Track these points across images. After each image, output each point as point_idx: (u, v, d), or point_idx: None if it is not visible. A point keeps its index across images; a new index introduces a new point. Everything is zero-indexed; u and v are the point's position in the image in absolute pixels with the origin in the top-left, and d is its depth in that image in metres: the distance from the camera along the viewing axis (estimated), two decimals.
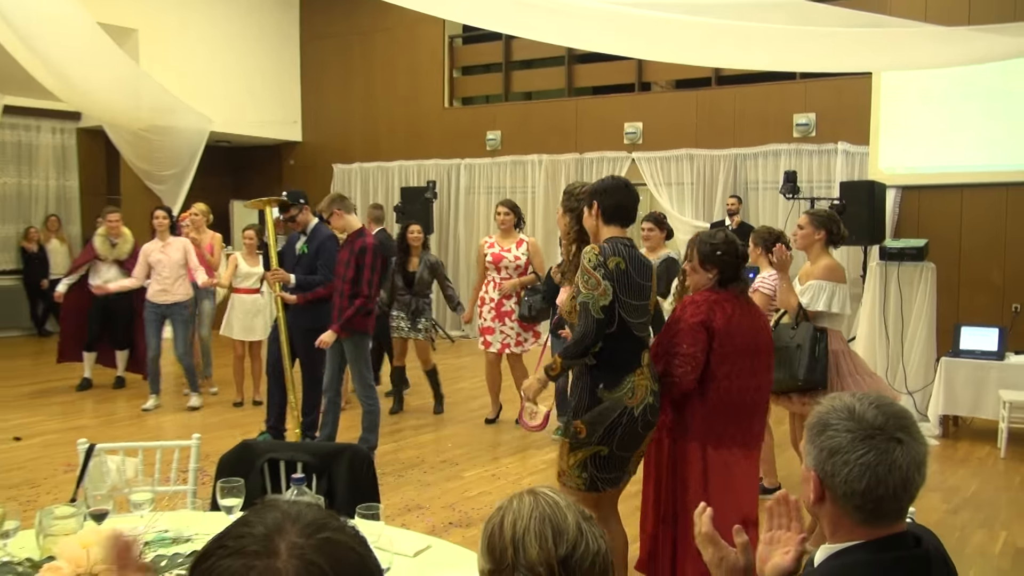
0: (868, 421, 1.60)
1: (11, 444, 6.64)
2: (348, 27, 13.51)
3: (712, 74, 11.02)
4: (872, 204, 7.89)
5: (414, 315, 7.46)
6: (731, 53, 6.90)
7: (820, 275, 4.62)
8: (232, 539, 1.02)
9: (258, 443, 3.23)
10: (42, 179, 12.55)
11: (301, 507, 1.07)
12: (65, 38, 8.76)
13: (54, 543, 2.11)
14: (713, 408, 3.49)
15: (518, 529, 1.48)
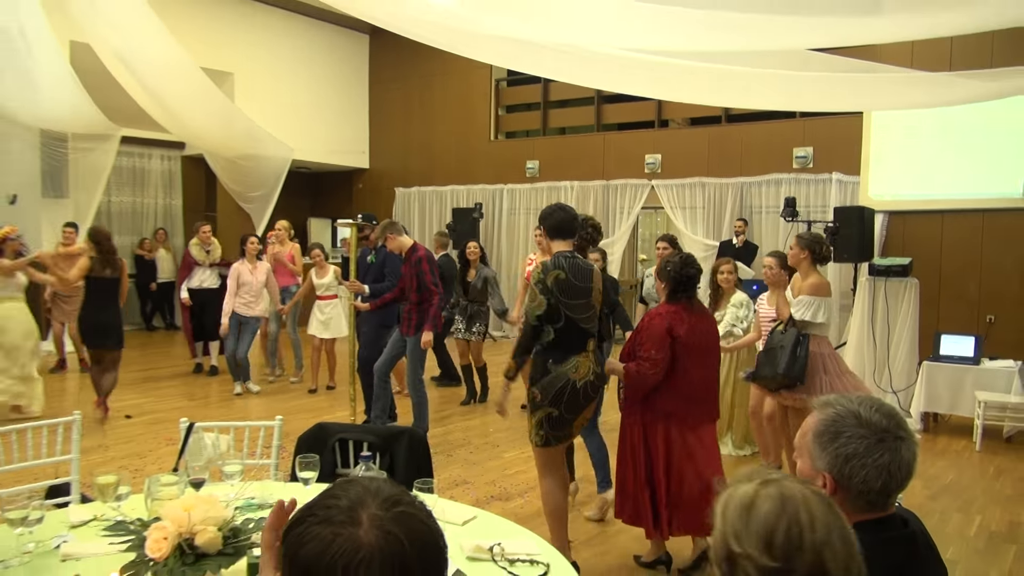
0: (875, 425, 1.57)
1: (123, 421, 6.77)
2: (410, 71, 13.59)
3: (722, 113, 10.92)
4: (862, 227, 7.76)
5: (470, 320, 7.49)
6: (739, 95, 6.84)
7: (808, 291, 4.77)
8: (321, 509, 1.03)
9: (331, 425, 3.25)
10: (152, 198, 12.76)
11: (379, 483, 1.07)
12: (174, 80, 8.91)
13: (160, 506, 2.13)
14: (677, 395, 3.79)
15: (819, 536, 1.20)
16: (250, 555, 1.87)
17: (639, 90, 8.14)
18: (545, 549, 2.24)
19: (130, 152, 12.01)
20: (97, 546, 2.15)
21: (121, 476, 2.36)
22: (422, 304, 5.96)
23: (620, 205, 11.61)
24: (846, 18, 4.68)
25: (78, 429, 3.20)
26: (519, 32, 5.76)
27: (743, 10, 4.52)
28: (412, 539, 1.00)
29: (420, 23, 6.02)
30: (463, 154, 13.25)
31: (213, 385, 8.49)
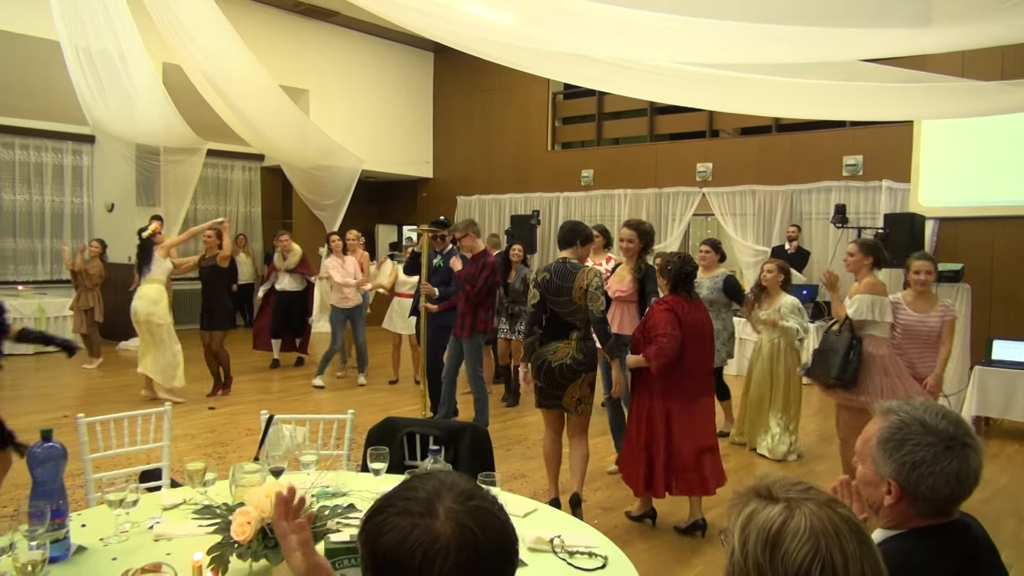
0: (942, 432, 1.49)
1: (207, 412, 6.95)
2: (472, 86, 13.68)
3: (772, 122, 10.69)
4: (913, 233, 7.52)
5: (512, 319, 7.43)
6: (791, 105, 6.69)
7: (863, 290, 4.61)
8: (400, 500, 1.04)
9: (399, 419, 3.28)
10: (234, 206, 13.11)
11: (455, 477, 1.07)
12: (255, 98, 9.16)
13: (243, 492, 2.18)
14: (678, 373, 4.15)
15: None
16: (327, 540, 1.89)
17: (692, 101, 8.04)
18: (604, 543, 2.22)
19: (215, 163, 12.36)
20: (187, 527, 2.21)
21: (208, 463, 2.43)
22: (478, 308, 5.97)
23: (672, 212, 11.47)
24: (897, 29, 4.54)
25: (168, 419, 3.30)
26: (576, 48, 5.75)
27: (795, 23, 4.43)
28: (486, 532, 1.00)
29: (482, 41, 6.06)
30: (521, 164, 13.27)
31: (289, 380, 8.65)
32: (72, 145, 11.31)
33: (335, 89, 12.50)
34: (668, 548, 4.15)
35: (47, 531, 1.94)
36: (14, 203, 10.88)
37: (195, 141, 9.91)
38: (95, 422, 3.12)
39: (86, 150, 11.45)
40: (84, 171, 11.53)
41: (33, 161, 11.01)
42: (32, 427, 6.58)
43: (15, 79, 9.35)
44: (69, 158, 11.35)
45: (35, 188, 11.05)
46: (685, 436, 4.17)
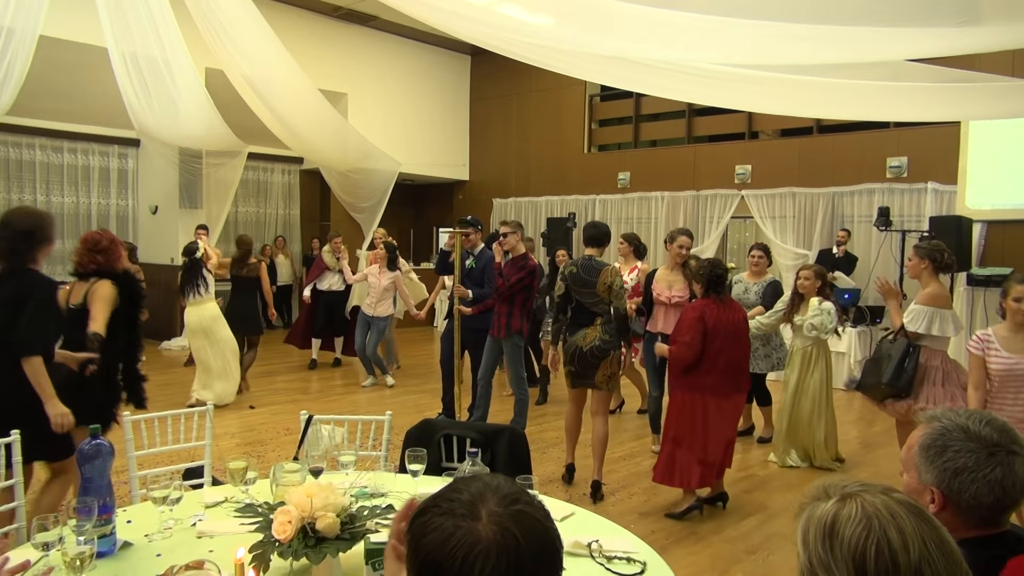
0: (985, 438, 1.46)
1: (247, 411, 7.06)
2: (508, 89, 13.71)
3: (814, 124, 10.52)
4: (959, 236, 7.34)
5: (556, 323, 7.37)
6: (834, 106, 6.57)
7: (922, 301, 4.44)
8: (445, 501, 1.04)
9: (436, 421, 3.29)
10: (273, 208, 13.29)
11: (500, 480, 1.07)
12: (294, 101, 9.29)
13: (284, 491, 2.21)
14: (713, 371, 4.37)
15: (914, 556, 1.04)
16: (367, 541, 1.91)
17: (732, 103, 7.95)
18: (642, 548, 2.21)
19: (255, 166, 12.55)
20: (229, 525, 2.25)
21: (249, 462, 2.47)
22: (513, 308, 5.98)
23: (710, 215, 11.35)
24: (944, 28, 4.43)
25: (210, 418, 3.36)
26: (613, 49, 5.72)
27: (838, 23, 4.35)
28: (528, 537, 1.00)
29: (519, 43, 6.06)
30: (557, 166, 13.26)
31: (327, 380, 8.74)
32: (118, 149, 11.58)
33: (373, 92, 12.62)
34: (707, 555, 4.11)
35: (94, 526, 1.99)
36: (62, 205, 11.19)
37: (236, 144, 10.07)
38: (140, 420, 3.19)
39: (131, 153, 11.72)
40: (129, 174, 11.81)
41: (80, 164, 11.31)
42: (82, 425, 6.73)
43: (64, 84, 9.61)
44: (115, 161, 11.64)
45: (82, 190, 11.35)
46: (717, 430, 4.45)
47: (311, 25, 11.54)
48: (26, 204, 10.74)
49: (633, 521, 4.50)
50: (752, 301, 6.27)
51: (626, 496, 4.97)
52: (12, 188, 10.74)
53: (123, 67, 8.11)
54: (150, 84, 8.34)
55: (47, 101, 9.81)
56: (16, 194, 10.76)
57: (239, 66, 8.45)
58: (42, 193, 10.98)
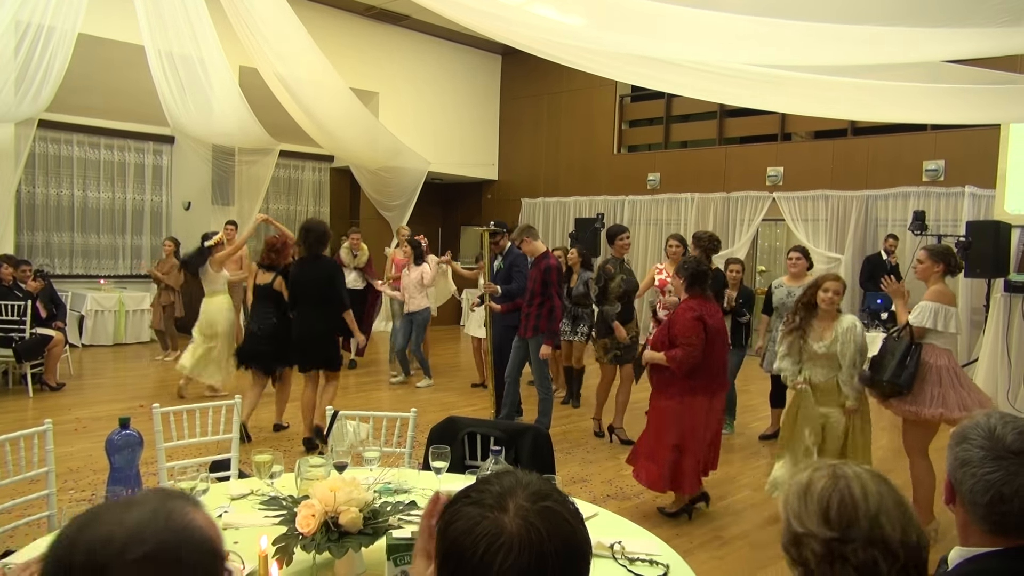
0: (1005, 444, 1.42)
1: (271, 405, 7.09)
2: (539, 88, 13.70)
3: (848, 125, 10.37)
4: (997, 242, 7.17)
5: (574, 321, 7.32)
6: (870, 108, 6.45)
7: (929, 297, 4.40)
8: (475, 492, 1.06)
9: (461, 419, 3.29)
10: (304, 206, 13.38)
11: (532, 477, 1.08)
12: (326, 100, 9.37)
13: (309, 485, 2.23)
14: (707, 372, 4.41)
15: (872, 505, 1.23)
16: (389, 536, 1.91)
17: (765, 104, 7.85)
18: (665, 551, 2.19)
19: (286, 164, 12.64)
20: (253, 518, 2.27)
21: (275, 455, 2.49)
22: (541, 308, 5.98)
23: (740, 217, 11.23)
24: (984, 29, 4.33)
25: (238, 411, 3.40)
26: (645, 49, 5.69)
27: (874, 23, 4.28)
28: (552, 534, 0.99)
29: (550, 43, 6.05)
30: (587, 167, 13.22)
31: (351, 377, 8.78)
32: (153, 145, 11.77)
33: (404, 91, 12.69)
34: (733, 559, 4.06)
35: None
36: (98, 200, 11.39)
37: (268, 142, 10.18)
38: (169, 412, 3.23)
39: (166, 150, 11.90)
40: (164, 170, 11.99)
41: (117, 160, 11.50)
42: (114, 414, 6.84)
43: (102, 82, 9.79)
44: (150, 158, 11.82)
45: (118, 186, 11.54)
46: (704, 428, 4.49)
47: (344, 24, 11.64)
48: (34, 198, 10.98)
49: (656, 524, 4.47)
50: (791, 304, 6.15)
51: (649, 499, 4.93)
52: (51, 183, 10.96)
53: (159, 65, 8.25)
54: (185, 82, 8.47)
55: (85, 98, 9.99)
56: (54, 188, 10.98)
57: (272, 65, 8.55)
58: (79, 188, 11.19)
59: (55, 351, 7.52)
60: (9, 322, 7.28)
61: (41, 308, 7.62)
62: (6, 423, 6.28)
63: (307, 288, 5.69)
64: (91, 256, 11.40)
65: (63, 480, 4.72)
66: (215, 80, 8.50)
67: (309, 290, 5.69)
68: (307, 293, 5.70)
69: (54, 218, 11.01)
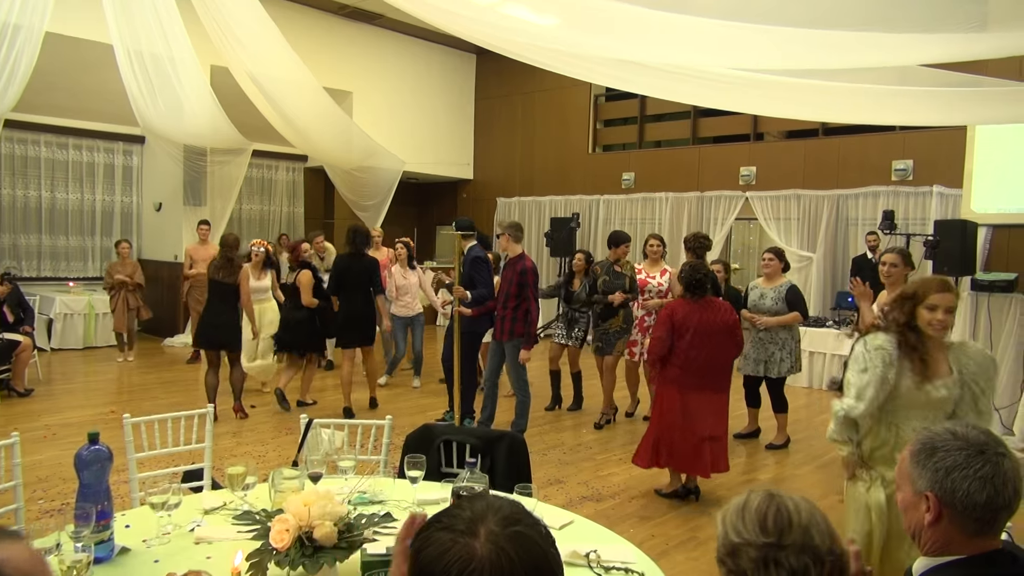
0: (973, 440, 1.48)
1: (248, 411, 7.03)
2: (513, 89, 13.70)
3: (819, 126, 10.49)
4: (964, 240, 7.29)
5: (570, 324, 7.29)
6: (839, 110, 6.54)
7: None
8: (447, 517, 1.07)
9: (436, 426, 3.29)
10: (277, 206, 13.26)
11: (504, 502, 1.09)
12: (299, 99, 9.28)
13: (283, 498, 2.20)
14: (683, 368, 4.64)
15: (803, 518, 1.34)
16: (363, 552, 1.90)
17: (740, 106, 7.92)
18: (640, 558, 2.20)
19: (259, 164, 12.52)
20: (227, 531, 2.24)
21: (248, 467, 2.46)
22: (517, 311, 5.96)
23: (714, 216, 11.32)
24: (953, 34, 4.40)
25: (211, 420, 3.36)
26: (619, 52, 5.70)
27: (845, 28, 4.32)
28: (523, 559, 1.00)
29: (524, 45, 6.04)
30: (562, 166, 13.24)
31: (320, 379, 8.68)
32: (123, 146, 11.58)
33: (378, 91, 12.61)
34: (707, 561, 4.09)
35: (92, 532, 1.98)
36: (67, 201, 11.19)
37: (241, 142, 10.07)
38: (140, 422, 3.18)
39: (136, 150, 11.72)
40: (134, 171, 11.81)
41: (86, 161, 11.31)
42: (84, 421, 6.78)
43: (70, 81, 9.62)
44: (120, 158, 11.63)
45: (87, 187, 11.35)
46: (683, 423, 4.67)
47: (316, 23, 11.54)
48: (21, 200, 10.78)
49: (632, 525, 4.49)
50: (768, 307, 6.18)
51: (626, 499, 4.96)
52: (17, 184, 10.74)
53: (128, 64, 8.11)
54: (155, 81, 8.34)
55: (53, 98, 9.81)
56: (21, 190, 10.77)
57: (244, 64, 8.45)
58: (47, 189, 10.99)
59: (23, 356, 7.38)
60: None
61: (8, 313, 7.47)
62: None
63: (354, 278, 6.90)
64: (59, 258, 11.20)
65: (31, 490, 4.63)
66: (185, 79, 8.38)
67: (355, 279, 6.90)
68: (353, 282, 6.90)
69: (21, 220, 10.80)
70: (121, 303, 9.23)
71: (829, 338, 8.80)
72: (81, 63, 9.11)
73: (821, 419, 7.43)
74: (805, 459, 6.10)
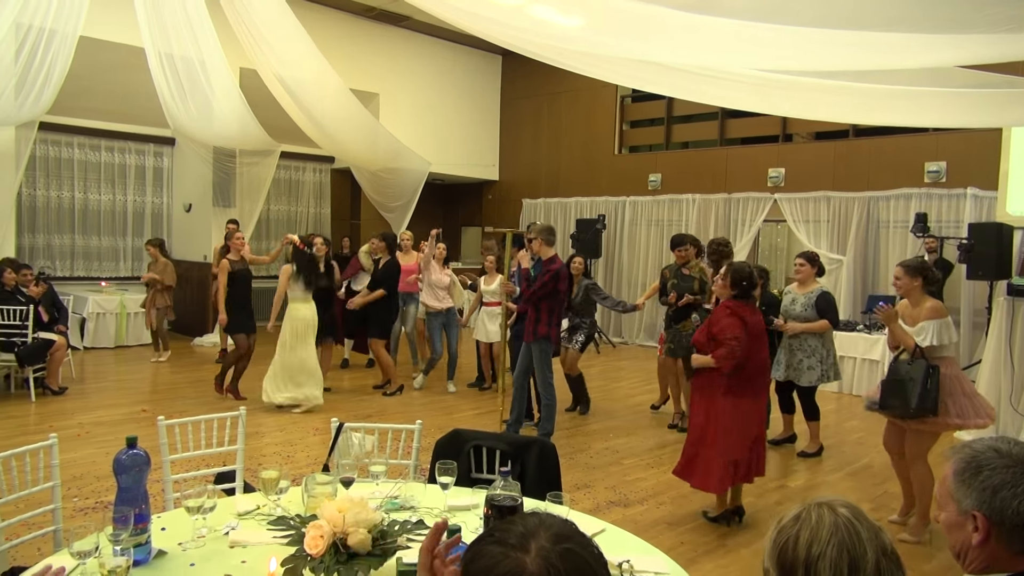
0: (1016, 456, 1.46)
1: (276, 411, 7.09)
2: (539, 89, 13.70)
3: (849, 127, 10.37)
4: (1000, 244, 7.16)
5: (571, 330, 7.26)
6: (871, 112, 6.44)
7: (927, 316, 4.47)
8: (499, 531, 1.08)
9: (466, 432, 3.29)
10: (304, 207, 13.39)
11: (556, 519, 1.10)
12: (326, 101, 9.36)
13: (316, 504, 2.23)
14: (745, 374, 4.44)
15: (813, 552, 1.27)
16: (399, 561, 1.91)
17: (766, 108, 7.83)
18: (672, 569, 2.19)
19: (287, 165, 12.64)
20: (261, 535, 2.27)
21: (282, 471, 2.48)
22: (542, 312, 5.99)
23: (742, 218, 11.23)
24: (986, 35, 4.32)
25: (243, 422, 3.39)
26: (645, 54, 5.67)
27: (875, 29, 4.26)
28: None
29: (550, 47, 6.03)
30: (588, 167, 13.22)
31: (359, 379, 8.70)
32: (154, 147, 11.76)
33: (404, 92, 12.68)
34: (736, 569, 4.06)
35: (130, 536, 2.01)
36: (99, 203, 11.39)
37: (269, 144, 10.17)
38: (175, 424, 3.23)
39: (167, 152, 11.89)
40: (164, 172, 11.99)
41: (117, 162, 11.50)
42: (116, 419, 6.86)
43: (102, 84, 9.78)
44: (151, 160, 11.82)
45: (119, 188, 11.54)
46: (747, 430, 4.50)
47: (344, 25, 11.62)
48: (51, 200, 10.96)
49: (662, 531, 4.47)
50: (798, 313, 6.05)
51: (655, 505, 4.94)
52: (52, 185, 10.96)
53: (160, 67, 8.23)
54: (186, 84, 8.46)
55: (86, 100, 9.99)
56: (55, 191, 10.98)
57: (272, 66, 8.53)
58: (80, 190, 11.19)
59: (57, 355, 7.52)
60: (11, 327, 7.28)
61: (43, 312, 7.61)
62: (9, 428, 6.29)
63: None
64: (92, 258, 11.40)
65: (66, 487, 4.71)
66: (215, 82, 8.49)
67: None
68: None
69: (55, 220, 11.01)
70: (149, 301, 9.41)
71: (859, 342, 8.68)
72: (113, 66, 9.26)
73: (851, 425, 7.34)
74: (836, 465, 6.03)
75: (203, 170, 10.84)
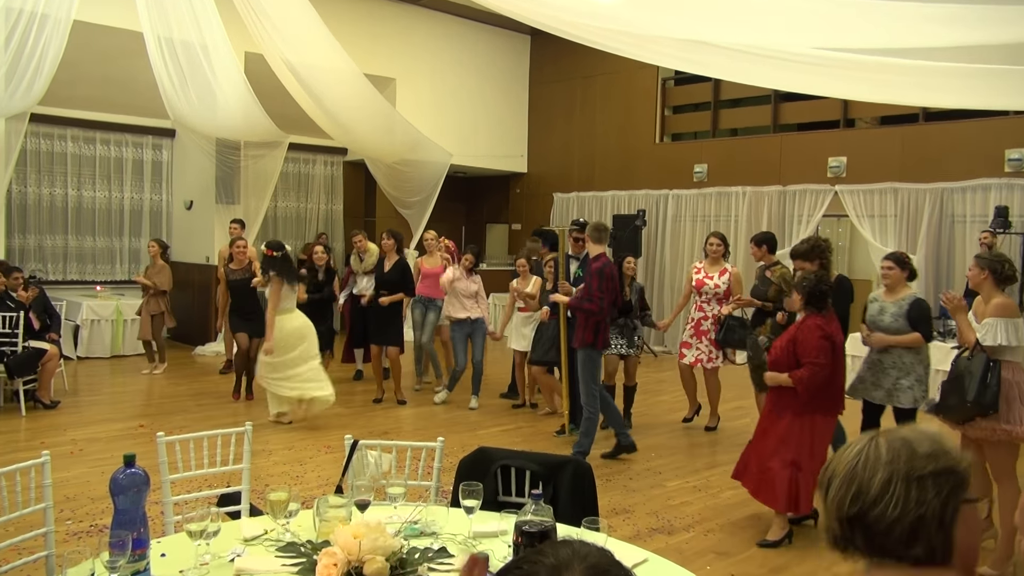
0: None
1: (284, 427, 7.15)
2: (572, 72, 13.69)
3: (919, 110, 10.22)
4: None
5: (631, 334, 7.30)
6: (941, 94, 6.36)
7: (993, 313, 4.46)
8: (528, 563, 1.07)
9: (492, 450, 3.29)
10: (315, 203, 13.48)
11: (591, 549, 1.09)
12: (338, 87, 9.45)
13: (329, 528, 2.24)
14: (829, 391, 4.65)
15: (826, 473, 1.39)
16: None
17: (825, 90, 7.78)
18: None
19: (295, 158, 12.75)
20: (268, 563, 2.28)
21: (291, 493, 2.51)
22: (589, 317, 6.02)
23: (798, 213, 11.12)
24: None
25: (249, 440, 3.42)
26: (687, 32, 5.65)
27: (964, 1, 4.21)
28: None
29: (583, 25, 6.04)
30: (626, 157, 13.18)
31: (372, 393, 8.75)
32: (152, 139, 11.94)
33: (423, 77, 12.75)
34: None
35: (128, 562, 2.04)
36: (94, 200, 11.59)
37: (277, 135, 10.25)
38: (175, 441, 3.27)
39: (166, 145, 12.07)
40: (164, 167, 12.16)
41: (113, 156, 11.69)
42: (112, 436, 6.97)
43: (97, 72, 9.96)
44: (149, 153, 12.00)
45: (115, 184, 11.73)
46: (822, 448, 4.64)
47: (358, 5, 11.72)
48: (52, 197, 11.17)
49: (709, 562, 4.44)
50: (887, 324, 5.41)
51: (702, 533, 4.90)
52: (43, 182, 11.16)
53: (159, 53, 8.38)
54: (187, 71, 8.60)
55: (79, 89, 10.16)
56: (47, 188, 11.19)
57: (280, 50, 8.64)
58: (73, 187, 11.39)
59: (49, 366, 7.65)
60: (0, 335, 7.42)
61: (34, 319, 7.74)
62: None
63: None
64: (86, 260, 11.60)
65: (59, 509, 4.79)
66: (219, 68, 8.61)
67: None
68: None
69: (47, 220, 11.23)
70: (144, 308, 9.48)
71: (934, 352, 8.51)
72: (109, 52, 9.43)
73: None
74: None
75: (205, 164, 10.98)
